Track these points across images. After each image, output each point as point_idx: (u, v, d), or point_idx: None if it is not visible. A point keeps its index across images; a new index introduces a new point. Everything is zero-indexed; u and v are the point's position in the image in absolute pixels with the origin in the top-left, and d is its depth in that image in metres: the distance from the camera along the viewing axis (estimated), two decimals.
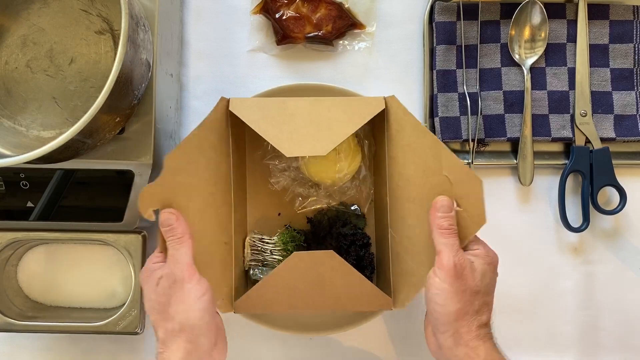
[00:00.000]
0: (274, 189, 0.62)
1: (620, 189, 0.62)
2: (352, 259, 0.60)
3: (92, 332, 0.56)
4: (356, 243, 0.61)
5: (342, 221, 0.62)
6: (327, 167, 0.60)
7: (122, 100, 0.46)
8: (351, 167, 0.61)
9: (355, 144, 0.61)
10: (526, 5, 0.62)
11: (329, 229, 0.62)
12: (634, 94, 0.64)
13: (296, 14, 0.63)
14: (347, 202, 0.63)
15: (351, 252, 0.61)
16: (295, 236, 0.61)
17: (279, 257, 0.60)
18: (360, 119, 0.55)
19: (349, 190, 0.62)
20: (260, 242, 0.61)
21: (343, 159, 0.60)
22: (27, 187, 0.54)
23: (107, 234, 0.56)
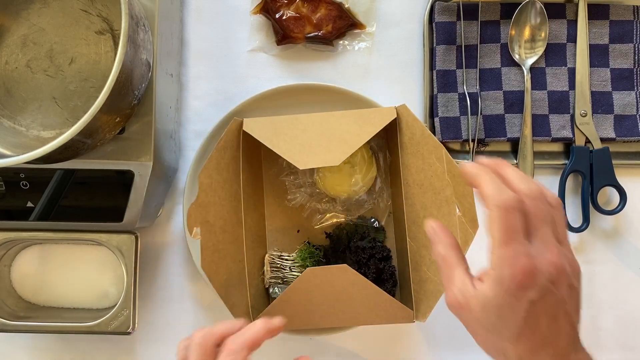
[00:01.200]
0: (291, 206, 0.62)
1: (620, 189, 0.62)
2: (372, 273, 0.59)
3: (84, 332, 0.56)
4: (375, 256, 0.60)
5: (360, 234, 0.61)
6: (342, 180, 0.60)
7: (122, 100, 0.46)
8: (366, 180, 0.60)
9: (370, 156, 0.61)
10: (526, 5, 0.62)
11: (348, 243, 0.61)
12: (634, 94, 0.64)
13: (296, 14, 0.63)
14: (365, 215, 0.63)
15: (370, 266, 0.60)
16: (314, 252, 0.60)
17: (298, 273, 0.59)
18: (372, 128, 0.55)
19: (366, 203, 0.62)
20: (279, 259, 0.61)
21: (357, 171, 0.60)
22: (27, 187, 0.54)
23: (100, 234, 0.56)
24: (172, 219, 0.63)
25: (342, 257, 0.61)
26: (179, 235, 0.63)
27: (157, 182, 0.56)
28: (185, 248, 0.62)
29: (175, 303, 0.63)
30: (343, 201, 0.62)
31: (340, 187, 0.60)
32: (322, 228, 0.63)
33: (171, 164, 0.60)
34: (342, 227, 0.62)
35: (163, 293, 0.63)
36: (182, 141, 0.64)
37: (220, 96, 0.64)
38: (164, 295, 0.63)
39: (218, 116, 0.60)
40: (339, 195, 0.61)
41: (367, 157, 0.61)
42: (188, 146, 0.64)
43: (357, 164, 0.60)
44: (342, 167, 0.59)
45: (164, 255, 0.63)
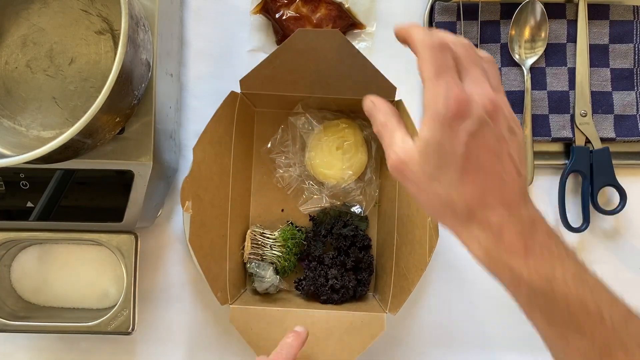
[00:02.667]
0: (278, 185, 0.63)
1: (620, 189, 0.62)
2: (352, 261, 0.60)
3: (84, 332, 0.56)
4: (356, 244, 0.61)
5: (344, 222, 0.62)
6: (333, 165, 0.60)
7: (122, 100, 0.46)
8: (356, 168, 0.61)
9: (363, 144, 0.61)
10: (526, 5, 0.62)
11: (330, 228, 0.62)
12: (634, 94, 0.64)
13: (296, 14, 0.63)
14: (350, 203, 0.63)
15: (350, 254, 0.61)
16: (296, 234, 0.61)
17: (279, 252, 0.60)
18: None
19: (354, 191, 0.62)
20: (261, 237, 0.61)
21: (349, 158, 0.60)
22: (27, 187, 0.54)
23: (100, 234, 0.56)
24: (172, 219, 0.63)
25: (324, 242, 0.62)
26: (179, 235, 0.63)
27: (157, 182, 0.56)
28: (185, 248, 0.62)
29: (175, 303, 0.63)
30: (331, 186, 0.62)
31: (330, 171, 0.60)
32: (307, 210, 0.63)
33: (171, 164, 0.60)
34: (327, 212, 0.63)
35: (163, 293, 0.63)
36: (182, 141, 0.64)
37: (220, 96, 0.64)
38: (164, 295, 0.63)
39: None
40: (328, 180, 0.61)
41: (360, 145, 0.61)
42: (188, 146, 0.64)
43: (349, 150, 0.60)
44: (334, 152, 0.60)
45: (164, 255, 0.63)
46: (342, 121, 0.62)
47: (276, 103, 0.61)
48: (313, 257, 0.62)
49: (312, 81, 0.55)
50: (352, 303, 0.60)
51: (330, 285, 0.59)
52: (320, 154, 0.60)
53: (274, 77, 0.54)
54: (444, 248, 0.61)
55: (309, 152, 0.61)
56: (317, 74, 0.54)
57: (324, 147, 0.61)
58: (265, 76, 0.54)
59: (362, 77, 0.53)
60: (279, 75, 0.54)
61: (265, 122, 0.64)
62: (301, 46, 0.50)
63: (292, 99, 0.59)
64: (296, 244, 0.61)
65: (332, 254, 0.61)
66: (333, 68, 0.53)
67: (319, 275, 0.60)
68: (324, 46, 0.51)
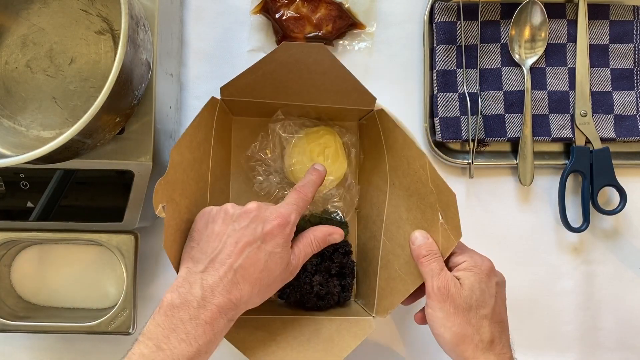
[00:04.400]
0: (258, 193, 0.62)
1: (620, 189, 0.62)
2: (336, 266, 0.60)
3: (84, 332, 0.56)
4: (339, 250, 0.61)
5: None
6: None
7: (122, 100, 0.46)
8: (337, 174, 0.60)
9: (343, 151, 0.61)
10: (526, 5, 0.62)
11: None
12: (634, 94, 0.64)
13: (296, 14, 0.63)
14: (330, 209, 0.63)
15: (334, 259, 0.60)
16: None
17: None
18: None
19: (333, 197, 0.62)
20: None
21: (330, 165, 0.59)
22: (27, 187, 0.54)
23: (100, 234, 0.56)
24: None
25: None
26: None
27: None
28: None
29: None
30: None
31: None
32: None
33: None
34: (307, 219, 0.61)
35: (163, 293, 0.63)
36: None
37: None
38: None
39: None
40: None
41: (340, 152, 0.60)
42: None
43: (330, 157, 0.60)
44: (315, 158, 0.59)
45: (164, 255, 0.63)
46: (321, 128, 0.61)
47: (255, 110, 0.60)
48: None
49: (293, 91, 0.55)
50: (335, 309, 0.60)
51: (315, 292, 0.58)
52: (302, 161, 0.59)
53: (255, 86, 0.54)
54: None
55: (290, 159, 0.60)
56: (299, 84, 0.54)
57: (305, 154, 0.60)
58: (247, 84, 0.53)
59: (343, 88, 0.54)
60: (260, 84, 0.53)
61: (243, 130, 0.63)
62: (285, 58, 0.50)
63: (271, 107, 0.59)
64: None
65: (315, 260, 0.59)
66: (315, 79, 0.53)
67: (303, 283, 0.58)
68: (308, 59, 0.50)
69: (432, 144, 0.63)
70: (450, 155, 0.63)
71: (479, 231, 0.64)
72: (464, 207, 0.64)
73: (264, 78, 0.52)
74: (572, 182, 0.64)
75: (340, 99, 0.56)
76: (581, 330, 0.64)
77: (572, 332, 0.64)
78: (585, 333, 0.64)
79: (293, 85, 0.54)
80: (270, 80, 0.53)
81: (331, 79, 0.53)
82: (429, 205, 0.50)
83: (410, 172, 0.52)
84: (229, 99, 0.56)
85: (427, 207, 0.51)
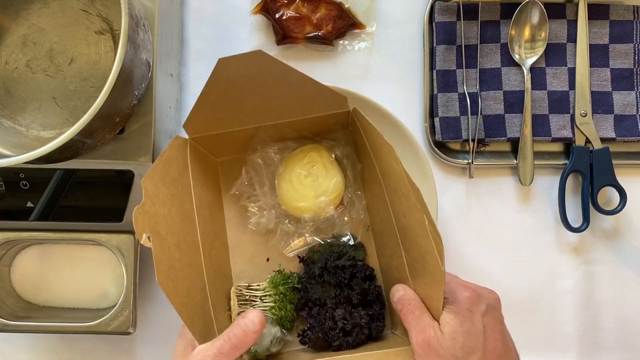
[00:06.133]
0: (257, 232, 0.57)
1: (620, 189, 0.62)
2: (356, 294, 0.53)
3: (84, 332, 0.56)
4: (357, 276, 0.54)
5: (337, 253, 0.55)
6: (305, 196, 0.55)
7: (122, 100, 0.46)
8: (331, 191, 0.55)
9: (334, 166, 0.56)
10: (526, 5, 0.62)
11: (324, 265, 0.54)
12: (634, 94, 0.64)
13: (296, 14, 0.63)
14: (339, 233, 0.57)
15: (354, 286, 0.53)
16: (287, 275, 0.55)
17: (271, 303, 0.53)
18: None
19: (338, 219, 0.56)
20: (247, 290, 0.54)
21: (321, 183, 0.54)
22: (27, 187, 0.54)
23: (100, 234, 0.56)
24: None
25: (320, 283, 0.54)
26: None
27: None
28: None
29: None
30: (311, 219, 0.56)
31: (303, 204, 0.55)
32: (293, 252, 0.57)
33: None
34: (316, 250, 0.56)
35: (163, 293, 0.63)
36: None
37: None
38: (164, 296, 0.62)
39: None
40: (303, 214, 0.55)
41: (330, 166, 0.55)
42: None
43: (318, 174, 0.54)
44: (303, 180, 0.55)
45: None
46: (305, 147, 0.57)
47: (234, 146, 0.56)
48: (313, 303, 0.54)
49: (254, 109, 0.51)
50: (369, 344, 0.52)
51: (340, 328, 0.51)
52: (290, 187, 0.55)
53: (216, 115, 0.50)
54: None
55: (278, 189, 0.56)
56: (259, 100, 0.50)
57: (292, 179, 0.55)
58: (207, 115, 0.50)
59: (306, 94, 0.49)
60: (220, 112, 0.50)
61: (231, 171, 0.58)
62: (228, 75, 0.47)
63: (246, 135, 0.54)
64: (289, 289, 0.54)
65: (333, 292, 0.53)
66: (272, 91, 0.49)
67: (324, 319, 0.52)
68: (251, 70, 0.47)
69: (432, 144, 0.63)
70: (450, 155, 0.63)
71: (479, 231, 0.64)
72: (464, 207, 0.64)
73: (221, 104, 0.49)
74: (572, 182, 0.64)
75: (309, 106, 0.51)
76: (581, 330, 0.64)
77: (572, 332, 0.64)
78: (585, 333, 0.64)
79: (252, 104, 0.50)
80: (229, 104, 0.50)
81: (289, 87, 0.49)
82: (413, 206, 0.45)
83: (392, 173, 0.48)
84: (197, 136, 0.52)
85: (412, 209, 0.45)
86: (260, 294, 0.54)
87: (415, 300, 0.46)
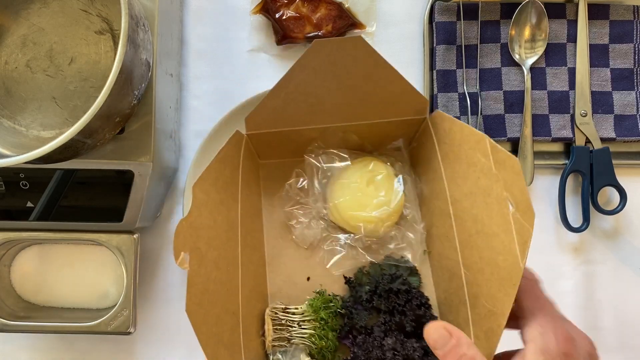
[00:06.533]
0: (299, 246, 0.52)
1: (621, 189, 0.62)
2: (410, 322, 0.47)
3: (83, 332, 0.56)
4: (412, 301, 0.48)
5: (390, 275, 0.49)
6: (366, 205, 0.49)
7: (122, 100, 0.46)
8: (396, 208, 0.49)
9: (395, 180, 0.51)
10: (526, 5, 0.62)
11: (374, 289, 0.49)
12: (634, 94, 0.64)
13: (296, 13, 0.63)
14: (392, 255, 0.51)
15: (407, 313, 0.47)
16: (330, 299, 0.49)
17: (310, 330, 0.47)
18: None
19: (394, 239, 0.51)
20: (284, 314, 0.48)
21: (385, 194, 0.49)
22: (27, 187, 0.54)
23: (100, 234, 0.56)
24: (172, 219, 0.63)
25: (367, 307, 0.49)
26: None
27: (157, 182, 0.56)
28: None
29: (175, 303, 0.63)
30: (367, 233, 0.50)
31: (362, 213, 0.49)
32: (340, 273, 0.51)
33: (171, 164, 0.60)
34: (365, 271, 0.50)
35: (163, 293, 0.63)
36: (182, 141, 0.64)
37: (220, 96, 0.64)
38: (164, 296, 0.63)
39: (218, 116, 0.60)
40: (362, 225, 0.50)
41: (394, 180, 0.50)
42: (188, 146, 0.64)
43: (383, 185, 0.48)
44: (364, 188, 0.49)
45: (164, 255, 0.63)
46: (367, 157, 0.52)
47: (285, 148, 0.51)
48: (358, 330, 0.48)
49: (330, 107, 0.46)
50: None
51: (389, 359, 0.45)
52: (347, 194, 0.49)
53: (285, 109, 0.45)
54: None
55: (333, 194, 0.50)
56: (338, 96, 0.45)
57: (351, 186, 0.50)
58: (275, 109, 0.45)
59: (389, 94, 0.45)
60: (291, 105, 0.45)
61: (271, 177, 0.53)
62: (318, 62, 0.42)
63: (305, 138, 0.50)
64: (332, 315, 0.47)
65: (382, 319, 0.47)
66: (356, 85, 0.44)
67: (371, 348, 0.46)
68: (345, 57, 0.42)
69: None
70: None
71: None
72: None
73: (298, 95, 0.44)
74: (572, 182, 0.64)
75: (387, 109, 0.47)
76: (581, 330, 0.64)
77: None
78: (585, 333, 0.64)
79: (331, 98, 0.45)
80: (304, 98, 0.45)
81: (375, 82, 0.44)
82: (495, 198, 0.41)
83: (470, 172, 0.44)
84: (256, 132, 0.47)
85: (493, 203, 0.41)
86: (298, 319, 0.48)
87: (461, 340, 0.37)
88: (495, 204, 0.41)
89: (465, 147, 0.45)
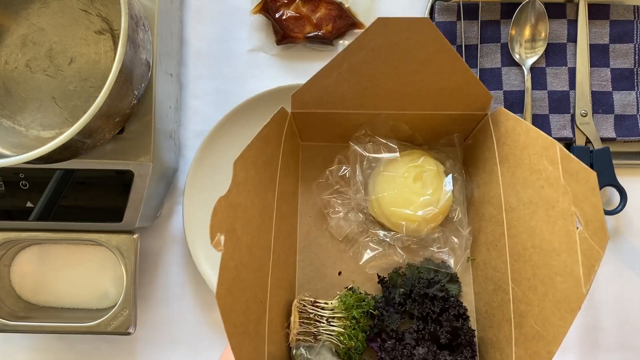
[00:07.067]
0: (333, 237, 0.49)
1: (621, 189, 0.62)
2: (445, 332, 0.44)
3: (83, 332, 0.56)
4: (449, 311, 0.45)
5: (427, 280, 0.46)
6: (411, 202, 0.45)
7: (121, 100, 0.46)
8: (442, 208, 0.46)
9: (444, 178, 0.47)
10: (526, 5, 0.62)
11: (409, 292, 0.46)
12: (634, 94, 0.64)
13: (296, 13, 0.63)
14: (432, 258, 0.48)
15: (443, 322, 0.44)
16: (362, 298, 0.46)
17: (340, 328, 0.44)
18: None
19: (436, 242, 0.47)
20: (312, 307, 0.45)
21: (432, 193, 0.44)
22: (26, 187, 0.54)
23: (100, 234, 0.56)
24: (172, 219, 0.63)
25: (400, 311, 0.46)
26: (178, 235, 0.63)
27: (157, 182, 0.56)
28: (185, 248, 0.62)
29: (175, 303, 0.63)
30: (409, 231, 0.46)
31: (406, 210, 0.46)
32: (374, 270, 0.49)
33: (171, 164, 0.60)
34: (401, 272, 0.48)
35: (163, 293, 0.63)
36: (182, 141, 0.64)
37: (220, 96, 0.64)
38: (164, 296, 0.63)
39: (218, 116, 0.60)
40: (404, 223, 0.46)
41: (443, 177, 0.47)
42: (188, 146, 0.64)
43: (431, 182, 0.45)
44: (410, 184, 0.46)
45: (164, 255, 0.63)
46: (416, 151, 0.48)
47: (330, 131, 0.47)
48: (388, 334, 0.45)
49: (384, 92, 0.42)
50: None
51: None
52: (392, 188, 0.46)
53: (336, 89, 0.42)
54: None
55: (376, 187, 0.46)
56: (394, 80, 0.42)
57: (396, 180, 0.46)
58: (326, 88, 0.42)
59: (451, 83, 0.42)
60: (343, 86, 0.42)
61: (312, 159, 0.49)
62: (379, 42, 0.38)
63: (352, 122, 0.46)
64: (363, 315, 0.44)
65: (415, 325, 0.45)
66: (415, 71, 0.41)
67: (400, 356, 0.43)
68: (408, 39, 0.38)
69: None
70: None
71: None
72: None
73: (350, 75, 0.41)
74: None
75: (444, 101, 0.43)
76: (581, 330, 0.64)
77: (572, 332, 0.64)
78: (585, 333, 0.64)
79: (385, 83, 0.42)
80: (358, 79, 0.41)
81: (437, 70, 0.41)
82: (560, 213, 0.37)
83: (533, 180, 0.41)
84: (301, 111, 0.44)
85: (557, 217, 0.38)
86: (328, 315, 0.45)
87: None
88: (559, 219, 0.38)
89: (529, 151, 0.41)
